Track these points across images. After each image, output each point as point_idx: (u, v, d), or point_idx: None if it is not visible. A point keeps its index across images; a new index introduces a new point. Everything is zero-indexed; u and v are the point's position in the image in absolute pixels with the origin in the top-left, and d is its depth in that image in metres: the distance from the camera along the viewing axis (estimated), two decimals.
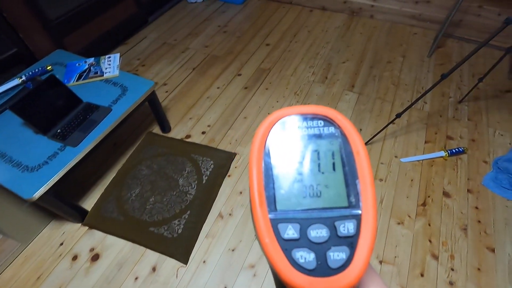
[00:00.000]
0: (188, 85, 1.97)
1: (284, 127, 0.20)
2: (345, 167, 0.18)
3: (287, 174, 0.18)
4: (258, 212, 0.17)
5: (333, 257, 0.17)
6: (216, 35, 2.38)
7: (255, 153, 0.19)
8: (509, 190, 1.39)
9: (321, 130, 0.19)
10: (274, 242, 0.17)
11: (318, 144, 0.19)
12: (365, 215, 0.17)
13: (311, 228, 0.17)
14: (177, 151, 1.55)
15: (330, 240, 0.17)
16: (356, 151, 0.19)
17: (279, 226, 0.17)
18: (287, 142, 0.19)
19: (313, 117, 0.20)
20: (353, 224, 0.17)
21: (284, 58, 2.15)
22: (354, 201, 0.18)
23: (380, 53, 2.16)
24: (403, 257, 1.22)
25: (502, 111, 1.74)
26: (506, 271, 1.17)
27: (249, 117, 1.77)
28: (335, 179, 0.18)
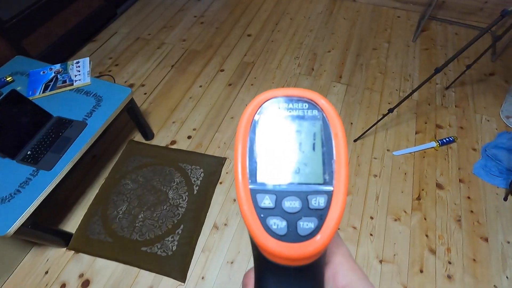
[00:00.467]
0: (168, 85, 1.85)
1: (271, 107, 0.20)
2: (324, 148, 0.20)
3: (269, 151, 0.20)
4: (240, 182, 0.19)
5: (303, 225, 0.18)
6: (193, 27, 2.23)
7: (242, 129, 0.20)
8: (498, 177, 1.42)
9: (305, 112, 0.20)
10: (251, 209, 0.18)
11: (301, 125, 0.20)
12: (336, 192, 0.19)
13: (286, 200, 0.19)
14: (163, 161, 1.46)
15: (301, 211, 0.18)
16: (335, 133, 0.20)
17: (257, 196, 0.19)
18: (273, 121, 0.20)
19: (298, 99, 0.21)
20: (324, 198, 0.19)
21: (268, 50, 2.05)
22: (328, 179, 0.19)
23: (365, 39, 2.10)
24: (402, 254, 1.23)
25: (487, 96, 1.75)
26: (500, 260, 1.20)
27: (236, 117, 1.68)
28: (313, 158, 0.19)
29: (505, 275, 1.17)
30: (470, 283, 1.15)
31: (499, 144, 1.51)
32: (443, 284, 1.15)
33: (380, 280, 1.17)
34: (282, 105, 0.21)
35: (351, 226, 1.30)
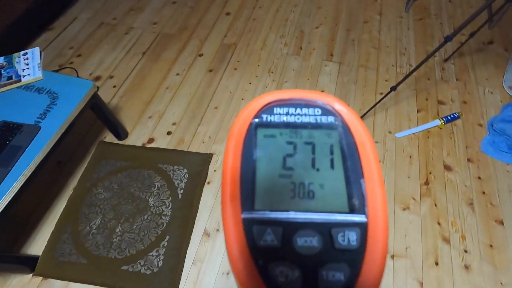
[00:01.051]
0: (140, 75, 1.63)
1: (274, 112, 0.16)
2: (347, 163, 0.15)
3: (272, 167, 0.15)
4: (228, 209, 0.14)
5: (327, 277, 0.12)
6: (164, 8, 1.98)
7: (234, 137, 0.16)
8: (508, 153, 1.32)
9: (317, 119, 0.16)
10: (244, 251, 0.13)
11: (313, 135, 0.16)
12: (373, 224, 0.13)
13: (298, 235, 0.13)
14: (141, 163, 1.27)
15: (323, 253, 0.13)
16: (360, 143, 0.15)
17: (254, 229, 0.13)
18: (276, 131, 0.16)
19: (308, 103, 0.17)
20: (356, 234, 0.13)
21: (250, 29, 1.85)
22: (358, 205, 0.14)
23: (355, 12, 1.93)
24: (415, 246, 1.12)
25: (488, 66, 1.64)
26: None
27: (220, 106, 1.50)
28: (332, 178, 0.15)
29: None
30: (489, 272, 1.06)
31: (505, 117, 1.41)
32: (461, 276, 1.06)
33: (393, 277, 1.06)
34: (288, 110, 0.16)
35: None
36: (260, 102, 0.17)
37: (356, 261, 0.13)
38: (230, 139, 0.16)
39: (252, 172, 0.15)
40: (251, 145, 0.16)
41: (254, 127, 0.16)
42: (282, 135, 0.16)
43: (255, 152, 0.15)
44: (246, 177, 0.15)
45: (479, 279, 1.04)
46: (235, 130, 0.16)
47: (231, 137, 0.16)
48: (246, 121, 0.16)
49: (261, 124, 0.16)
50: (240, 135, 0.16)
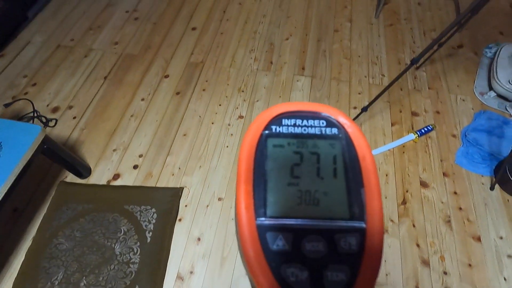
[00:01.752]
0: (103, 103, 1.53)
1: (282, 123, 0.18)
2: (348, 173, 0.16)
3: (281, 177, 0.16)
4: (243, 216, 0.15)
5: (331, 277, 0.14)
6: (125, 26, 1.87)
7: (246, 151, 0.17)
8: (481, 164, 1.31)
9: (322, 130, 0.18)
10: (259, 255, 0.14)
11: (318, 146, 0.17)
12: (371, 230, 0.15)
13: (306, 240, 0.15)
14: (105, 205, 1.18)
15: (327, 256, 0.15)
16: (362, 156, 0.17)
17: (268, 235, 0.15)
18: (284, 141, 0.17)
19: (314, 115, 0.18)
20: (356, 239, 0.15)
21: (218, 44, 1.77)
22: (358, 213, 0.16)
23: (325, 20, 1.88)
24: (395, 272, 1.09)
25: (459, 71, 1.63)
26: (495, 260, 1.11)
27: (189, 133, 1.42)
28: (335, 186, 0.16)
29: (502, 276, 1.08)
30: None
31: (477, 126, 1.40)
32: None
33: None
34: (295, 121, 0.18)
35: None
36: (270, 114, 0.18)
37: (356, 263, 0.15)
38: (243, 150, 0.17)
39: (264, 181, 0.16)
40: (262, 155, 0.17)
41: (265, 138, 0.17)
42: (290, 145, 0.17)
43: (266, 163, 0.16)
44: (259, 186, 0.16)
45: None
46: (247, 141, 0.17)
47: (244, 148, 0.17)
48: (257, 132, 0.17)
49: (271, 135, 0.17)
50: (251, 146, 0.17)
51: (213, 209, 1.22)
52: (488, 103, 1.50)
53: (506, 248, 1.13)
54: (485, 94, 1.53)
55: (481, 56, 1.69)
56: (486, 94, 1.52)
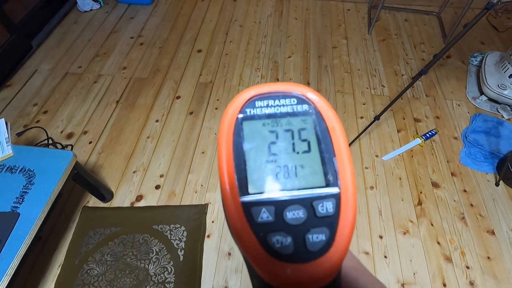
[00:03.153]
0: (117, 127, 1.55)
1: (255, 105, 0.18)
2: (321, 145, 0.18)
3: (259, 155, 0.17)
4: (228, 195, 0.16)
5: (312, 239, 0.16)
6: (132, 51, 1.92)
7: (224, 133, 0.18)
8: (484, 163, 1.41)
9: (294, 108, 0.19)
10: (246, 227, 0.16)
11: (291, 123, 0.18)
12: (344, 193, 0.17)
13: (288, 210, 0.16)
14: (133, 226, 1.19)
15: (308, 221, 0.16)
16: (331, 127, 0.18)
17: (252, 209, 0.16)
18: (259, 122, 0.18)
19: (285, 95, 0.19)
20: (332, 203, 0.16)
21: (224, 65, 1.84)
22: (332, 180, 0.17)
23: (322, 38, 2.00)
24: (421, 270, 1.14)
25: (451, 79, 1.77)
26: (510, 250, 1.18)
27: (207, 150, 1.46)
28: (310, 158, 0.17)
29: None
30: (492, 285, 1.11)
31: (476, 128, 1.52)
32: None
33: None
34: (267, 102, 0.18)
35: (363, 252, 1.19)
36: (243, 98, 0.18)
37: (333, 224, 0.16)
38: (221, 135, 0.18)
39: (244, 162, 0.17)
40: (239, 138, 0.17)
41: (240, 121, 0.18)
42: (265, 126, 0.18)
43: (244, 144, 0.17)
44: (239, 166, 0.17)
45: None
46: (224, 126, 0.18)
47: (222, 133, 0.18)
48: (232, 116, 0.18)
49: (246, 117, 0.18)
50: (229, 131, 0.18)
51: None
52: (481, 106, 1.63)
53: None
54: (477, 98, 1.66)
55: (468, 65, 1.84)
56: (478, 99, 1.65)
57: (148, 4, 2.23)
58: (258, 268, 0.16)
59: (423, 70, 1.10)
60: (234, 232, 0.16)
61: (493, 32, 2.05)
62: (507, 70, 1.53)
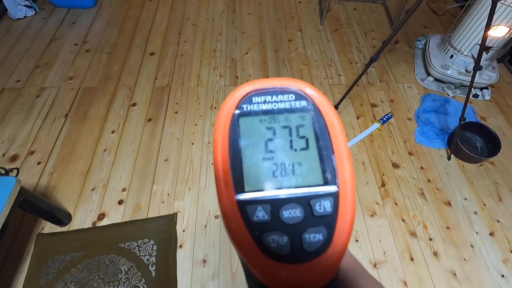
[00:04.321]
0: (69, 142, 1.43)
1: (252, 101, 0.18)
2: (319, 142, 0.17)
3: (256, 152, 0.17)
4: (224, 193, 0.16)
5: (309, 239, 0.15)
6: (77, 59, 1.78)
7: (220, 130, 0.17)
8: (436, 139, 1.51)
9: (292, 104, 0.18)
10: (241, 226, 0.15)
11: (289, 119, 0.18)
12: (343, 192, 0.16)
13: (284, 209, 0.16)
14: (97, 248, 1.11)
15: (305, 220, 0.16)
16: (330, 123, 0.18)
17: (248, 208, 0.16)
18: (256, 119, 0.18)
19: (282, 90, 0.18)
20: (330, 202, 0.16)
21: (180, 66, 1.78)
22: (330, 178, 0.16)
23: (278, 32, 2.01)
24: (390, 249, 1.20)
25: (401, 64, 1.87)
26: (466, 219, 1.28)
27: (170, 157, 1.40)
28: (308, 156, 0.17)
29: (474, 231, 1.25)
30: (453, 252, 1.20)
31: (426, 108, 1.62)
32: (433, 264, 1.17)
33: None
34: (264, 98, 0.18)
35: None
36: (240, 94, 0.18)
37: (331, 224, 0.16)
38: (217, 131, 0.17)
39: (240, 159, 0.16)
40: (235, 135, 0.17)
41: (237, 118, 0.17)
42: (262, 122, 0.18)
43: (240, 141, 0.17)
44: (235, 164, 0.16)
45: (447, 262, 1.17)
46: (220, 122, 0.17)
47: (217, 129, 0.17)
48: (228, 113, 0.17)
49: (242, 114, 0.18)
50: (225, 127, 0.17)
51: (212, 227, 1.21)
52: (429, 87, 1.74)
53: (472, 207, 1.31)
54: (425, 79, 1.77)
55: (414, 48, 1.95)
56: (426, 80, 1.76)
57: (90, 7, 2.08)
58: (253, 268, 0.15)
59: (373, 57, 1.14)
60: (229, 231, 0.16)
61: (433, 16, 2.19)
62: (448, 51, 1.64)
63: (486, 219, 1.28)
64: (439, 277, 1.14)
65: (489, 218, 1.28)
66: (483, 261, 1.17)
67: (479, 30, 1.46)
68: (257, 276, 0.16)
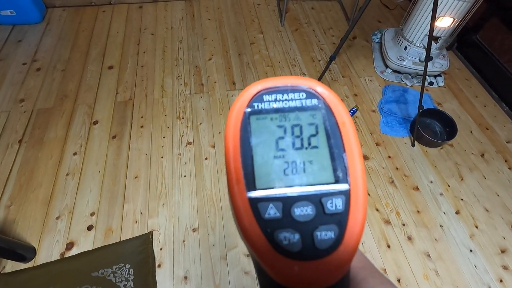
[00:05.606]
0: (26, 170, 1.32)
1: (263, 100, 0.18)
2: (330, 140, 0.17)
3: (267, 150, 0.17)
4: (235, 191, 0.16)
5: (321, 236, 0.15)
6: (28, 79, 1.66)
7: (231, 128, 0.17)
8: (399, 128, 1.58)
9: (303, 102, 0.18)
10: (253, 224, 0.16)
11: (300, 117, 0.18)
12: (354, 190, 0.16)
13: (295, 206, 0.16)
14: (67, 281, 1.03)
15: (316, 218, 0.16)
16: (341, 122, 0.18)
17: (259, 205, 0.16)
18: (266, 116, 0.18)
19: (293, 89, 0.18)
20: (341, 200, 0.16)
21: (142, 78, 1.71)
22: (342, 176, 0.17)
23: (239, 36, 2.00)
24: (368, 239, 1.24)
25: (360, 58, 1.93)
26: (433, 201, 1.35)
27: (140, 174, 1.35)
28: (319, 154, 0.17)
29: (442, 212, 1.32)
30: (425, 234, 1.26)
31: (388, 99, 1.69)
32: (408, 248, 1.22)
33: None
34: (275, 96, 0.18)
35: None
36: (250, 92, 0.18)
37: (343, 221, 0.16)
38: (228, 130, 0.17)
39: (251, 157, 0.17)
40: (247, 133, 0.17)
41: (248, 116, 0.18)
42: (273, 120, 0.18)
43: (251, 139, 0.17)
44: (246, 162, 0.16)
45: (421, 244, 1.23)
46: (231, 121, 0.17)
47: (228, 128, 0.17)
48: (239, 111, 0.18)
49: (253, 112, 0.18)
50: (236, 125, 0.17)
51: (191, 242, 1.18)
52: (388, 78, 1.82)
53: (437, 189, 1.39)
54: (384, 71, 1.85)
55: (371, 42, 2.03)
56: (385, 72, 1.84)
57: (37, 23, 1.95)
58: (264, 265, 0.16)
59: (332, 56, 1.17)
60: (241, 228, 0.16)
61: (385, 10, 2.30)
62: (402, 43, 1.73)
63: (451, 199, 1.35)
64: (414, 260, 1.19)
65: (454, 197, 1.36)
66: (452, 239, 1.25)
67: (427, 22, 1.55)
68: (268, 273, 0.16)
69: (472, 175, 1.43)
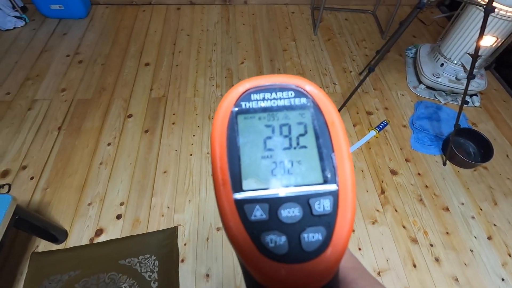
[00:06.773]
0: (63, 157, 1.39)
1: (251, 99, 0.18)
2: (319, 140, 0.17)
3: (254, 151, 0.17)
4: (221, 192, 0.16)
5: (308, 238, 0.15)
6: (69, 71, 1.75)
7: (218, 127, 0.17)
8: (431, 145, 1.55)
9: (291, 101, 0.18)
10: (239, 225, 0.15)
11: (288, 116, 0.17)
12: (343, 191, 0.16)
13: (282, 208, 0.16)
14: (95, 266, 1.07)
15: (303, 220, 0.15)
16: (330, 121, 0.17)
17: (245, 207, 0.16)
18: (254, 116, 0.17)
19: (282, 87, 0.18)
20: (330, 201, 0.16)
21: (176, 77, 1.77)
22: (330, 176, 0.16)
23: (272, 42, 2.03)
24: (393, 256, 1.21)
25: (393, 72, 1.91)
26: (464, 224, 1.30)
27: (169, 169, 1.38)
28: (308, 154, 0.17)
29: (473, 235, 1.27)
30: (454, 257, 1.21)
31: (420, 115, 1.65)
32: (435, 270, 1.18)
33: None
34: (263, 95, 0.18)
35: None
36: (238, 91, 0.18)
37: (331, 223, 0.15)
38: (215, 129, 0.17)
39: (238, 157, 0.16)
40: (234, 133, 0.17)
41: (235, 115, 0.17)
42: (260, 120, 0.17)
43: (238, 139, 0.17)
44: (233, 162, 0.16)
45: (449, 267, 1.18)
46: (218, 120, 0.17)
47: (215, 127, 0.17)
48: (227, 110, 0.17)
49: (241, 111, 0.17)
50: (223, 125, 0.17)
51: (214, 240, 1.19)
52: (421, 94, 1.78)
53: (469, 212, 1.34)
54: (417, 87, 1.81)
55: (405, 57, 2.00)
56: (418, 87, 1.81)
57: (81, 18, 2.05)
58: (250, 268, 0.15)
59: (371, 68, 1.16)
60: (227, 230, 0.16)
61: (421, 25, 2.27)
62: (438, 60, 1.69)
63: (483, 224, 1.30)
64: (441, 283, 1.15)
65: (486, 222, 1.31)
66: (483, 265, 1.19)
67: (468, 40, 1.51)
68: (254, 276, 0.16)
69: (507, 201, 1.37)
